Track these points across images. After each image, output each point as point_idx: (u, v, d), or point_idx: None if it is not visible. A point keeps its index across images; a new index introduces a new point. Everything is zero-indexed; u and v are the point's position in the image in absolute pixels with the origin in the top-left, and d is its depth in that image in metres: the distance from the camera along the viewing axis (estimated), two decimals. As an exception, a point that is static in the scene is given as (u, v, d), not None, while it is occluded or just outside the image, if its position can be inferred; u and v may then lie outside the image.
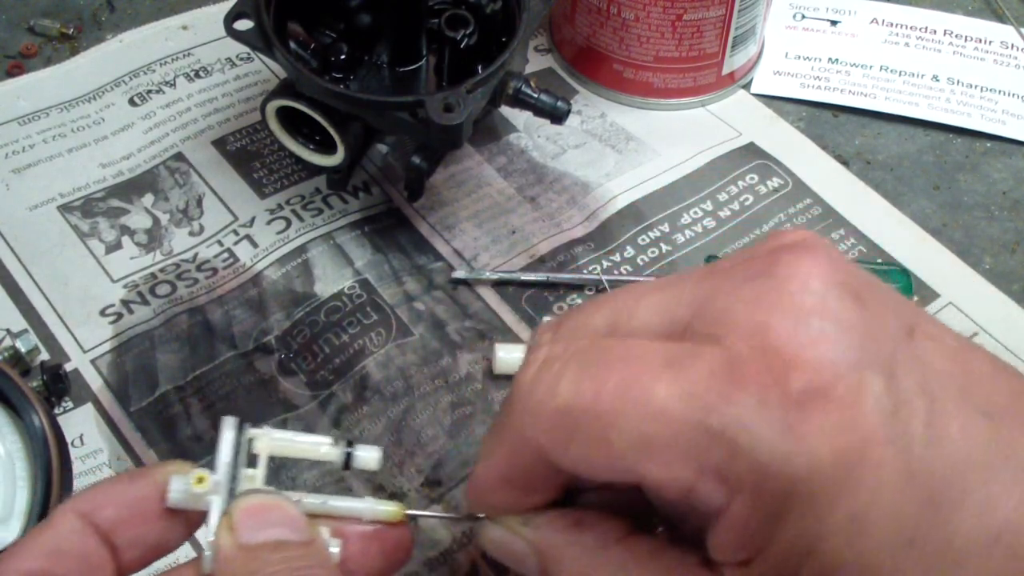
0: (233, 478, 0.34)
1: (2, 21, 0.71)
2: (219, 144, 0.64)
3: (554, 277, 0.58)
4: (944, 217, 0.62)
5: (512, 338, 0.55)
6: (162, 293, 0.57)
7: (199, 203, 0.61)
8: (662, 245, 0.60)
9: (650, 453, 0.30)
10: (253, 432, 0.35)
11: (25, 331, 0.54)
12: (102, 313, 0.56)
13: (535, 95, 0.57)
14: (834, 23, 0.72)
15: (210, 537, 0.33)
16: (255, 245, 0.59)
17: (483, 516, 0.37)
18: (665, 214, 0.61)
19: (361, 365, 0.54)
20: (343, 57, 0.57)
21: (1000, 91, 0.68)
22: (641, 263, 0.59)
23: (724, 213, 0.61)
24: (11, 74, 0.68)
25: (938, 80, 0.68)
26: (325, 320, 0.56)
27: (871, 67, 0.69)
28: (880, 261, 0.59)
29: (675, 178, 0.63)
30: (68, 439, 0.49)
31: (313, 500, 0.35)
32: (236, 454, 0.34)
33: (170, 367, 0.54)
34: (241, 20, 0.55)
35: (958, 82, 0.68)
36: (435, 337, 0.55)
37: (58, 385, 0.52)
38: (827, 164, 0.64)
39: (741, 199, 0.62)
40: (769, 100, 0.68)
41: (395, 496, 0.50)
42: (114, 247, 0.59)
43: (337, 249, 0.59)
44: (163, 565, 0.36)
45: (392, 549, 0.36)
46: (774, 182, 0.63)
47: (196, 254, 0.59)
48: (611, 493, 0.36)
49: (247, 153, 0.63)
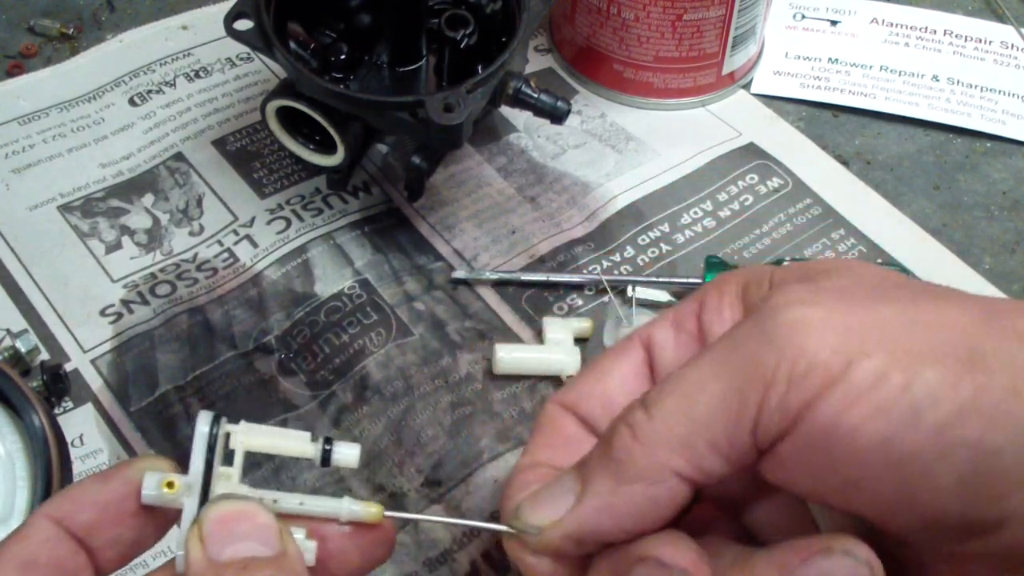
0: (208, 476, 0.33)
1: (2, 21, 0.71)
2: (219, 144, 0.64)
3: (554, 277, 0.58)
4: (944, 217, 0.62)
5: (512, 338, 0.55)
6: (162, 293, 0.57)
7: (199, 203, 0.61)
8: (662, 245, 0.60)
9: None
10: (230, 427, 0.34)
11: (25, 331, 0.54)
12: (102, 313, 0.56)
13: (535, 95, 0.57)
14: (834, 23, 0.72)
15: (181, 541, 0.32)
16: (255, 245, 0.59)
17: (483, 525, 0.36)
18: (665, 214, 0.61)
19: (361, 365, 0.54)
20: (343, 57, 0.57)
21: (1000, 91, 0.68)
22: (641, 263, 0.59)
23: (724, 213, 0.61)
24: (11, 74, 0.68)
25: (938, 80, 0.68)
26: (325, 320, 0.56)
27: (871, 67, 0.69)
28: (880, 261, 0.59)
29: (675, 178, 0.63)
30: (68, 439, 0.49)
31: (290, 501, 0.34)
32: (211, 451, 0.33)
33: (170, 367, 0.54)
34: (241, 20, 0.55)
35: (958, 82, 0.68)
36: (435, 337, 0.55)
37: (58, 385, 0.52)
38: (827, 164, 0.64)
39: (741, 199, 0.62)
40: (769, 100, 0.68)
41: (395, 496, 0.50)
42: (114, 247, 0.59)
43: (337, 249, 0.59)
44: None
45: (371, 546, 0.35)
46: (774, 182, 0.63)
47: (196, 254, 0.59)
48: None
49: (247, 153, 0.63)
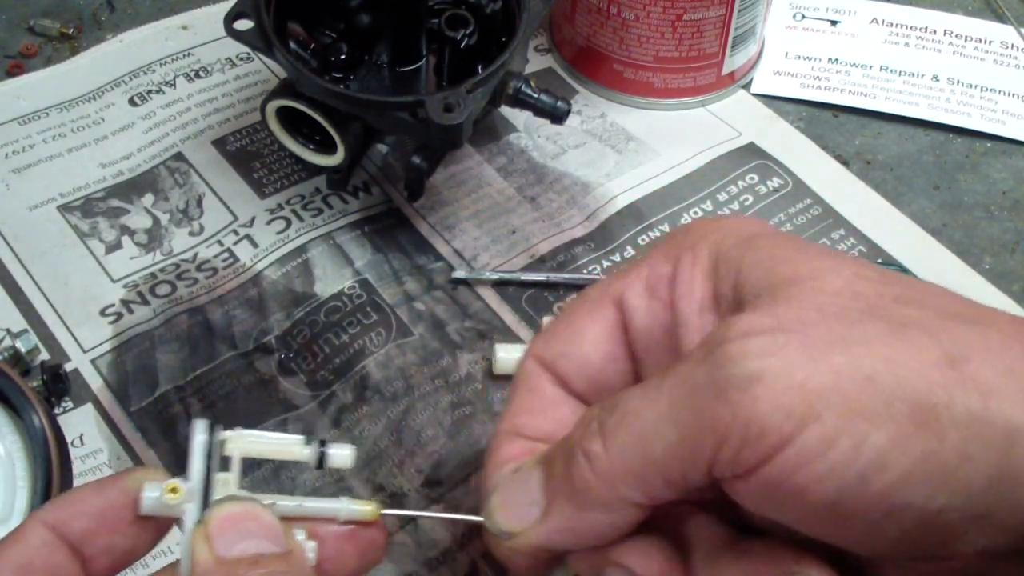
0: (207, 483, 0.33)
1: (2, 21, 0.71)
2: (219, 144, 0.64)
3: (554, 277, 0.58)
4: (944, 217, 0.62)
5: (512, 338, 0.55)
6: (162, 293, 0.57)
7: (199, 203, 0.61)
8: (662, 245, 0.60)
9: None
10: (225, 434, 0.34)
11: (25, 331, 0.54)
12: (102, 313, 0.56)
13: (535, 95, 0.57)
14: (834, 23, 0.72)
15: (184, 546, 0.32)
16: (255, 245, 0.59)
17: (462, 517, 0.36)
18: (665, 214, 0.61)
19: (361, 365, 0.54)
20: (343, 57, 0.57)
21: (1000, 91, 0.68)
22: (641, 263, 0.59)
23: (724, 213, 0.61)
24: (11, 74, 0.68)
25: (938, 80, 0.68)
26: (325, 320, 0.56)
27: (871, 67, 0.69)
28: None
29: (675, 178, 0.63)
30: (68, 439, 0.49)
31: (287, 502, 0.34)
32: (209, 458, 0.33)
33: (170, 367, 0.54)
34: (241, 20, 0.55)
35: (958, 82, 0.68)
36: (435, 337, 0.55)
37: (58, 385, 0.52)
38: (827, 164, 0.64)
39: (741, 199, 0.62)
40: (769, 100, 0.68)
41: (395, 496, 0.50)
42: (114, 247, 0.59)
43: (337, 249, 0.59)
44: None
45: (367, 548, 0.36)
46: (774, 182, 0.63)
47: (196, 254, 0.59)
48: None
49: (247, 153, 0.63)
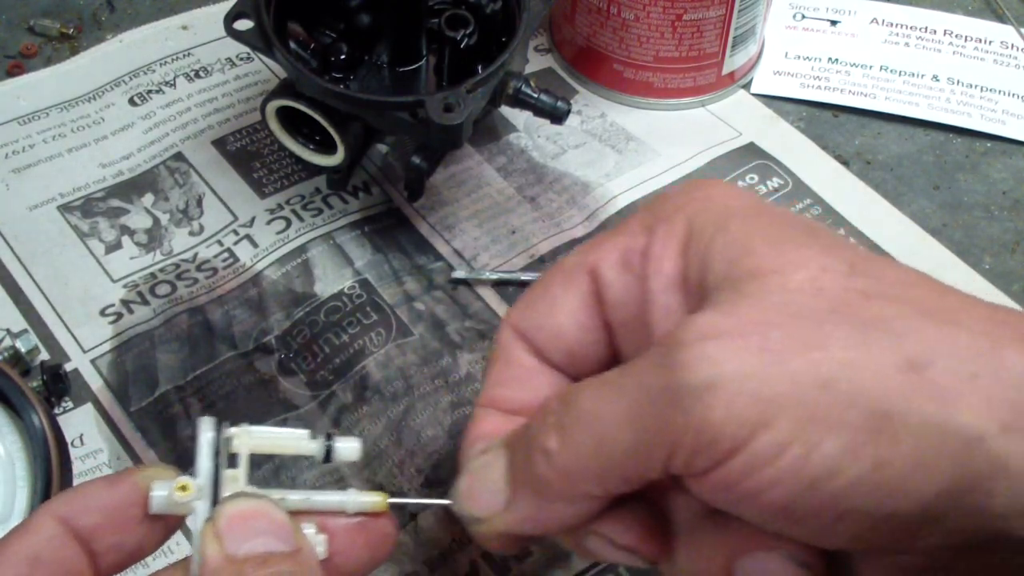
0: (215, 480, 0.33)
1: (2, 21, 0.71)
2: (219, 144, 0.64)
3: (554, 277, 0.58)
4: (944, 217, 0.62)
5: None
6: (162, 293, 0.57)
7: (199, 203, 0.61)
8: (662, 245, 0.60)
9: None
10: (231, 431, 0.34)
11: (25, 331, 0.54)
12: (102, 313, 0.56)
13: (535, 95, 0.57)
14: (834, 23, 0.72)
15: (195, 543, 0.32)
16: (255, 245, 0.59)
17: (421, 501, 0.36)
18: (665, 214, 0.61)
19: (361, 365, 0.54)
20: (343, 57, 0.57)
21: (1000, 91, 0.68)
22: (641, 263, 0.59)
23: (724, 213, 0.61)
24: (11, 74, 0.68)
25: (938, 80, 0.68)
26: (325, 320, 0.56)
27: (871, 67, 0.69)
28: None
29: (675, 178, 0.63)
30: (68, 439, 0.49)
31: (296, 497, 0.34)
32: (216, 455, 0.33)
33: (170, 367, 0.54)
34: (241, 20, 0.55)
35: (958, 82, 0.68)
36: (435, 337, 0.55)
37: (58, 385, 0.52)
38: (827, 164, 0.64)
39: (741, 199, 0.62)
40: (769, 100, 0.68)
41: (395, 496, 0.50)
42: (114, 247, 0.59)
43: (337, 249, 0.59)
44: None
45: (377, 540, 0.36)
46: (774, 182, 0.63)
47: (196, 254, 0.59)
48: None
49: (247, 153, 0.63)
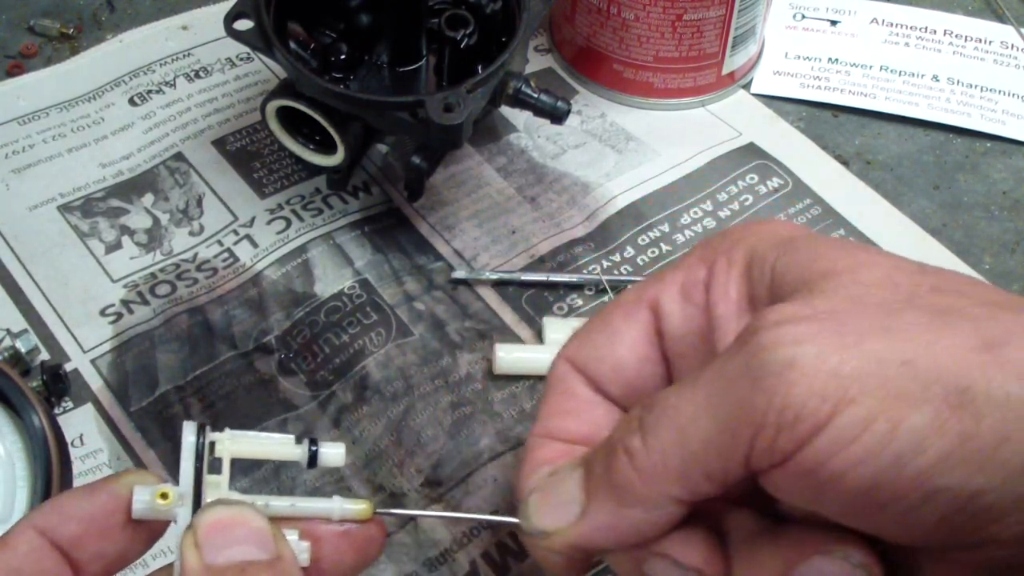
0: (198, 485, 0.33)
1: (2, 21, 0.71)
2: (219, 144, 0.64)
3: (554, 277, 0.58)
4: (944, 217, 0.62)
5: (512, 338, 0.55)
6: (162, 293, 0.57)
7: (199, 203, 0.61)
8: (662, 245, 0.60)
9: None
10: (215, 435, 0.34)
11: (25, 331, 0.54)
12: (102, 313, 0.56)
13: (535, 95, 0.57)
14: (834, 23, 0.72)
15: (177, 550, 0.32)
16: (255, 245, 0.59)
17: (451, 515, 0.36)
18: (665, 214, 0.61)
19: (361, 365, 0.54)
20: (343, 57, 0.57)
21: (1000, 91, 0.68)
22: (641, 263, 0.59)
23: (724, 213, 0.61)
24: (11, 74, 0.68)
25: (938, 80, 0.68)
26: (325, 320, 0.56)
27: (871, 67, 0.69)
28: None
29: (675, 178, 0.63)
30: (68, 439, 0.49)
31: (280, 503, 0.34)
32: (199, 460, 0.33)
33: (170, 367, 0.54)
34: (241, 20, 0.55)
35: (958, 82, 0.68)
36: (435, 337, 0.55)
37: (58, 385, 0.52)
38: (827, 164, 0.64)
39: (741, 199, 0.62)
40: (769, 100, 0.68)
41: (395, 496, 0.50)
42: (114, 247, 0.59)
43: (337, 249, 0.59)
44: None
45: (364, 545, 0.35)
46: (774, 182, 0.63)
47: (196, 254, 0.59)
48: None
49: (247, 153, 0.63)
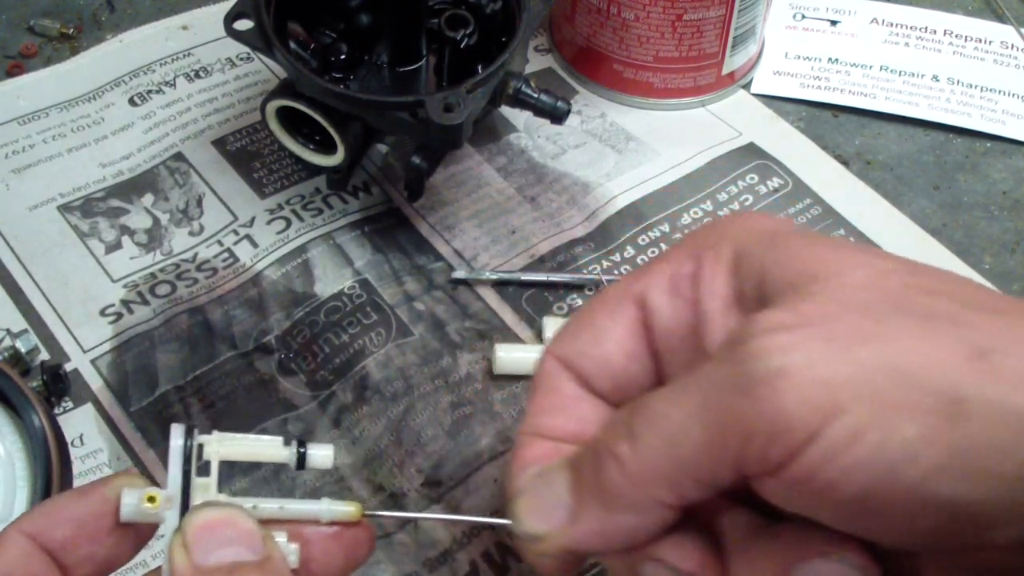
0: (186, 488, 0.33)
1: (2, 21, 0.71)
2: (219, 144, 0.64)
3: (554, 277, 0.58)
4: (944, 217, 0.62)
5: (512, 338, 0.55)
6: (162, 293, 0.57)
7: (199, 203, 0.61)
8: (662, 245, 0.60)
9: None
10: (203, 438, 0.34)
11: (25, 331, 0.54)
12: (102, 313, 0.56)
13: (535, 95, 0.57)
14: (834, 23, 0.72)
15: (165, 552, 0.32)
16: (255, 245, 0.59)
17: (447, 517, 0.36)
18: (665, 214, 0.61)
19: (361, 365, 0.54)
20: (343, 57, 0.57)
21: (1000, 91, 0.68)
22: (641, 263, 0.59)
23: (724, 213, 0.61)
24: (11, 74, 0.68)
25: (938, 80, 0.68)
26: (325, 320, 0.56)
27: (871, 67, 0.69)
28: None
29: (675, 178, 0.63)
30: (68, 439, 0.49)
31: (269, 505, 0.34)
32: (187, 463, 0.33)
33: (170, 367, 0.54)
34: (241, 20, 0.55)
35: (958, 82, 0.68)
36: (435, 337, 0.55)
37: (58, 385, 0.52)
38: (827, 164, 0.64)
39: (741, 199, 0.62)
40: (769, 100, 0.68)
41: (395, 496, 0.50)
42: (114, 247, 0.59)
43: (337, 249, 0.59)
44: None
45: (353, 547, 0.35)
46: (774, 182, 0.63)
47: (196, 254, 0.59)
48: None
49: (247, 153, 0.63)
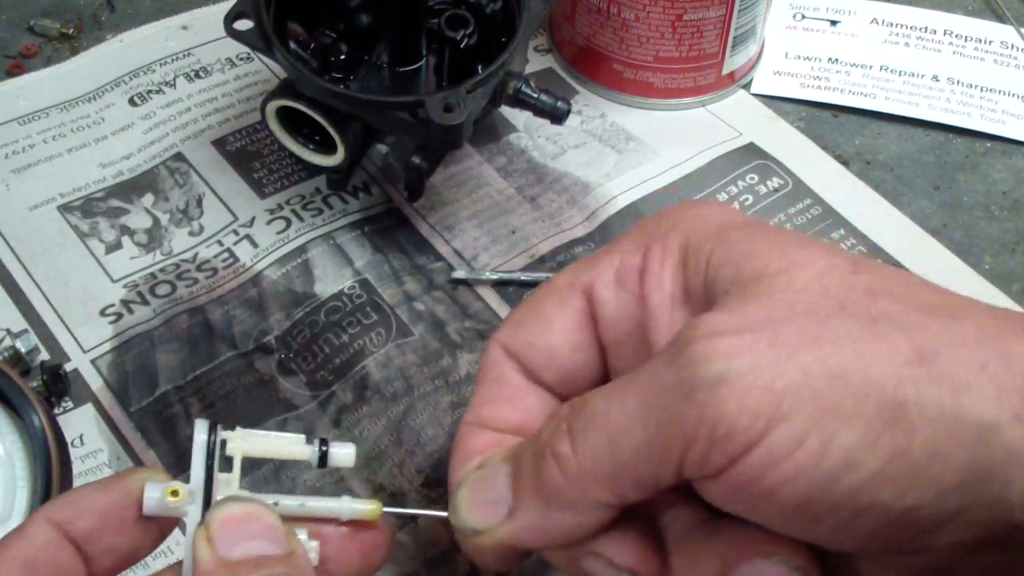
0: (208, 483, 0.33)
1: (2, 21, 0.71)
2: (219, 144, 0.64)
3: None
4: (944, 217, 0.62)
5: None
6: (162, 293, 0.57)
7: (199, 203, 0.61)
8: (662, 245, 0.60)
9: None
10: (226, 434, 0.34)
11: (25, 331, 0.54)
12: (102, 313, 0.56)
13: (535, 95, 0.57)
14: (834, 23, 0.72)
15: (188, 546, 0.32)
16: (255, 245, 0.59)
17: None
18: (665, 214, 0.61)
19: (361, 365, 0.54)
20: (343, 57, 0.57)
21: (1000, 91, 0.68)
22: (641, 263, 0.59)
23: (724, 213, 0.61)
24: (11, 74, 0.68)
25: (938, 80, 0.68)
26: (325, 320, 0.56)
27: (871, 67, 0.69)
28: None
29: (675, 178, 0.63)
30: (68, 439, 0.49)
31: (290, 502, 0.34)
32: (210, 458, 0.33)
33: (170, 367, 0.54)
34: (241, 20, 0.55)
35: (958, 82, 0.68)
36: (435, 337, 0.55)
37: (58, 385, 0.52)
38: (827, 164, 0.64)
39: (741, 199, 0.62)
40: (769, 100, 0.68)
41: (395, 496, 0.50)
42: (114, 247, 0.59)
43: (337, 249, 0.59)
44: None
45: (370, 548, 0.36)
46: (774, 182, 0.63)
47: (196, 254, 0.59)
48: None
49: (247, 153, 0.63)
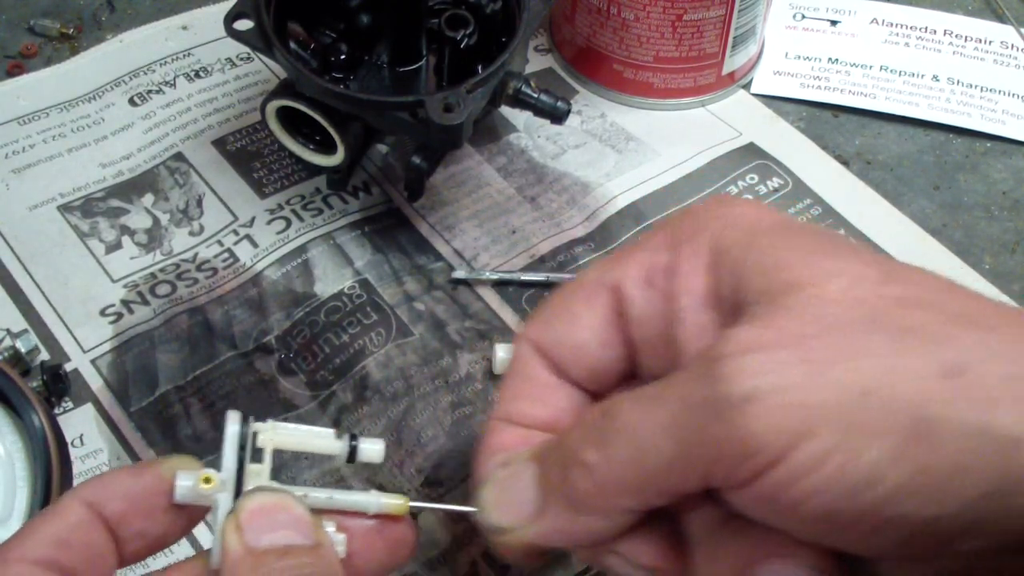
0: (239, 473, 0.33)
1: (2, 21, 0.71)
2: (219, 144, 0.64)
3: (554, 277, 0.58)
4: (944, 217, 0.62)
5: (512, 338, 0.55)
6: (162, 293, 0.57)
7: (199, 203, 0.61)
8: (662, 245, 0.60)
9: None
10: (257, 426, 0.34)
11: (25, 331, 0.54)
12: (102, 313, 0.56)
13: (535, 95, 0.57)
14: (834, 23, 0.72)
15: (216, 534, 0.32)
16: (255, 245, 0.59)
17: (452, 507, 0.37)
18: (665, 214, 0.61)
19: (361, 365, 0.54)
20: (343, 57, 0.57)
21: (1000, 91, 0.68)
22: (641, 263, 0.59)
23: (724, 213, 0.61)
24: (11, 74, 0.68)
25: (938, 80, 0.68)
26: (325, 320, 0.56)
27: (871, 67, 0.69)
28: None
29: (675, 178, 0.63)
30: (68, 439, 0.49)
31: (319, 495, 0.35)
32: (241, 449, 0.34)
33: (170, 367, 0.54)
34: (241, 20, 0.55)
35: (958, 82, 0.68)
36: (435, 337, 0.55)
37: (58, 385, 0.52)
38: (827, 164, 0.64)
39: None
40: (769, 100, 0.68)
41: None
42: (114, 247, 0.59)
43: (337, 249, 0.59)
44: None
45: (396, 543, 0.36)
46: (774, 182, 0.63)
47: (196, 254, 0.59)
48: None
49: (247, 153, 0.63)
